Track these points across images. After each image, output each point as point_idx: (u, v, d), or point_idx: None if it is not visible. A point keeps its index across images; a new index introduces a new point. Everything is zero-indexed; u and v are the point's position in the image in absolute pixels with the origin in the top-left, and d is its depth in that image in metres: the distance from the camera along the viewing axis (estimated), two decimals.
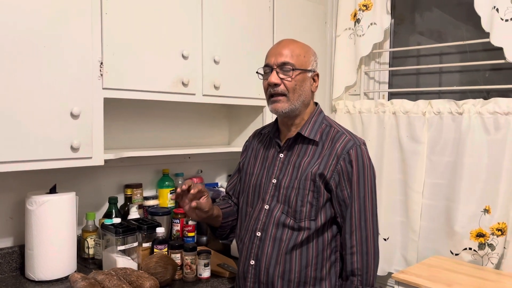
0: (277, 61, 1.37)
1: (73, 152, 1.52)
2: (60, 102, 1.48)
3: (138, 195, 2.00)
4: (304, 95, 1.40)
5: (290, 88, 1.37)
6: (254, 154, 1.56)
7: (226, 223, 1.57)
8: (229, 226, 1.58)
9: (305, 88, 1.40)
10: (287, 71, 1.36)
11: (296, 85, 1.37)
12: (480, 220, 1.94)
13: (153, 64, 1.72)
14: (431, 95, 2.33)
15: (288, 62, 1.36)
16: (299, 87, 1.38)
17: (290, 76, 1.36)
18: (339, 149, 1.37)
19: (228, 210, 1.59)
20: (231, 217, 1.58)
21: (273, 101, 1.38)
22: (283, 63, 1.36)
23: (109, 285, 1.37)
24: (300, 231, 1.36)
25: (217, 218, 1.52)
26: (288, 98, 1.37)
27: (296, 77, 1.37)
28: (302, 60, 1.38)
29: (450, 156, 2.06)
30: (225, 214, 1.56)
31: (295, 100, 1.38)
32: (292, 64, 1.36)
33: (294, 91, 1.37)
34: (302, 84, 1.39)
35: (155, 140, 2.14)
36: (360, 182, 1.36)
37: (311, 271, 1.36)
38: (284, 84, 1.36)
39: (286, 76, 1.36)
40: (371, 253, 1.36)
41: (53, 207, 1.57)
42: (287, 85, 1.37)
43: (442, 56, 2.32)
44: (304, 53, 1.39)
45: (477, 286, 1.71)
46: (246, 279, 1.42)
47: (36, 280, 1.56)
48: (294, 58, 1.37)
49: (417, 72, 2.41)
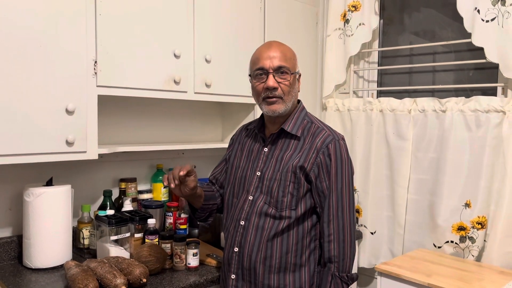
0: (273, 65, 1.43)
1: (68, 146, 1.60)
2: (56, 99, 1.56)
3: (133, 189, 2.08)
4: (295, 95, 1.49)
5: (286, 91, 1.45)
6: (241, 148, 1.63)
7: (206, 206, 1.63)
8: (209, 209, 1.64)
9: (295, 89, 1.49)
10: (284, 75, 1.43)
11: (290, 88, 1.45)
12: (461, 214, 2.01)
13: (145, 63, 1.79)
14: (420, 94, 2.40)
15: (284, 66, 1.43)
16: (292, 89, 1.46)
17: (287, 79, 1.44)
18: (318, 143, 1.45)
19: (210, 194, 1.65)
20: (212, 201, 1.65)
21: (270, 102, 1.45)
22: (279, 67, 1.43)
23: (100, 272, 1.45)
24: (281, 220, 1.43)
25: (199, 198, 1.58)
26: (284, 100, 1.45)
27: (290, 81, 1.45)
28: (293, 63, 1.47)
29: (434, 153, 2.12)
30: (206, 197, 1.62)
31: (289, 101, 1.46)
32: (288, 68, 1.44)
33: (289, 93, 1.46)
34: (294, 86, 1.48)
35: (149, 136, 2.21)
36: (338, 175, 1.43)
37: (291, 258, 1.44)
38: (281, 87, 1.44)
39: (282, 80, 1.43)
40: (348, 241, 1.43)
41: (49, 198, 1.65)
42: (283, 89, 1.44)
43: (430, 56, 2.39)
44: (293, 56, 1.48)
45: (456, 276, 1.78)
46: (230, 265, 1.50)
47: (33, 268, 1.65)
48: (288, 62, 1.44)
49: (405, 71, 2.48)
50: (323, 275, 1.45)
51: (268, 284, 1.43)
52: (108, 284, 1.41)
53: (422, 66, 2.37)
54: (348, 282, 1.43)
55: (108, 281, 1.41)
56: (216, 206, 1.66)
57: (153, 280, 1.58)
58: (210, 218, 1.68)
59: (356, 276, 1.46)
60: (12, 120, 1.47)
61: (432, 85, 2.37)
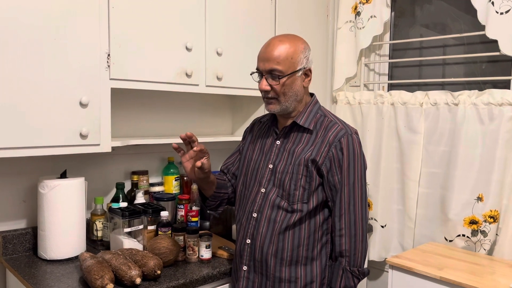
0: (265, 68, 1.42)
1: (82, 139, 1.61)
2: (70, 92, 1.57)
3: (144, 182, 2.09)
4: (296, 94, 1.46)
5: (280, 92, 1.44)
6: (253, 140, 1.64)
7: (217, 194, 1.63)
8: (220, 198, 1.64)
9: (295, 88, 1.45)
10: (275, 78, 1.42)
11: (285, 89, 1.43)
12: (473, 207, 2.00)
13: (157, 56, 1.80)
14: (431, 87, 2.39)
15: (275, 69, 1.40)
16: (288, 90, 1.44)
17: (278, 83, 1.42)
18: (331, 137, 1.44)
19: (222, 182, 1.66)
20: (223, 190, 1.65)
21: (267, 102, 1.47)
22: (271, 70, 1.41)
23: (115, 263, 1.47)
24: (293, 213, 1.44)
25: (211, 184, 1.58)
26: (279, 101, 1.45)
27: (284, 82, 1.42)
28: (290, 62, 1.42)
29: (446, 146, 2.12)
30: (219, 185, 1.63)
31: (286, 101, 1.45)
32: (279, 71, 1.41)
33: (284, 94, 1.44)
34: (291, 86, 1.44)
35: (160, 129, 2.22)
36: (350, 169, 1.43)
37: (302, 251, 1.44)
38: (274, 89, 1.43)
39: (275, 83, 1.42)
40: (359, 235, 1.44)
41: (63, 191, 1.67)
42: (276, 91, 1.43)
43: (441, 48, 2.37)
44: (292, 54, 1.42)
45: (468, 270, 1.78)
46: (242, 256, 1.51)
47: (48, 259, 1.67)
48: (281, 64, 1.40)
49: (417, 64, 2.47)
50: (334, 269, 1.45)
51: (279, 276, 1.44)
52: (123, 276, 1.43)
53: (434, 59, 2.35)
54: (359, 276, 1.43)
55: (123, 273, 1.43)
56: (227, 195, 1.66)
57: (167, 272, 1.59)
58: (220, 207, 1.68)
59: (367, 271, 1.46)
60: (26, 112, 1.48)
61: (443, 78, 2.35)
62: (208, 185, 1.58)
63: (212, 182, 1.58)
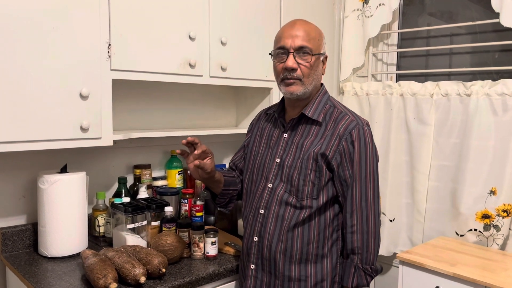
0: (294, 44, 1.36)
1: (83, 132, 1.55)
2: (69, 83, 1.51)
3: (147, 176, 2.04)
4: (317, 79, 1.42)
5: (306, 73, 1.37)
6: (260, 133, 1.58)
7: (226, 191, 1.59)
8: (229, 195, 1.60)
9: (318, 72, 1.41)
10: (305, 56, 1.36)
11: (311, 70, 1.38)
12: (486, 201, 1.95)
13: (160, 46, 1.73)
14: (439, 77, 2.32)
15: (306, 46, 1.36)
16: (313, 71, 1.39)
17: (307, 61, 1.36)
18: (341, 129, 1.38)
19: (230, 179, 1.61)
20: (232, 186, 1.60)
21: (287, 83, 1.39)
22: (300, 47, 1.35)
23: (118, 261, 1.42)
24: (302, 209, 1.38)
25: (218, 182, 1.54)
26: (303, 82, 1.38)
27: (312, 63, 1.37)
28: (317, 43, 1.39)
29: (457, 138, 2.06)
30: (226, 182, 1.58)
31: (309, 84, 1.39)
32: (310, 49, 1.36)
33: (309, 75, 1.38)
34: (316, 69, 1.40)
35: (163, 121, 2.16)
36: (361, 163, 1.37)
37: (312, 249, 1.39)
38: (301, 69, 1.37)
39: (303, 61, 1.36)
40: (371, 232, 1.38)
41: (64, 186, 1.61)
42: (304, 71, 1.37)
43: (451, 37, 2.30)
44: (318, 36, 1.40)
45: (481, 266, 1.73)
46: (249, 255, 1.46)
47: (48, 256, 1.61)
48: (311, 42, 1.36)
49: (426, 54, 2.39)
50: (345, 266, 1.40)
51: (288, 275, 1.39)
52: (127, 274, 1.37)
53: (445, 48, 2.28)
54: (372, 274, 1.38)
55: (127, 271, 1.38)
56: (236, 192, 1.62)
57: (172, 269, 1.54)
58: (230, 204, 1.63)
59: (380, 268, 1.41)
60: (24, 105, 1.42)
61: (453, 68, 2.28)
62: (215, 183, 1.54)
63: (218, 181, 1.54)
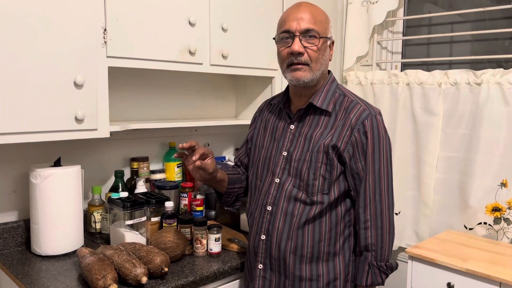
0: (300, 27, 1.27)
1: (78, 123, 1.46)
2: (63, 71, 1.41)
3: (145, 169, 1.95)
4: (325, 64, 1.34)
5: (314, 57, 1.29)
6: (264, 125, 1.49)
7: (231, 189, 1.52)
8: (235, 193, 1.53)
9: (326, 57, 1.33)
10: (311, 39, 1.28)
11: (319, 54, 1.29)
12: (496, 194, 1.89)
13: (159, 31, 1.63)
14: (445, 66, 2.25)
15: (312, 29, 1.27)
16: (321, 56, 1.30)
17: (315, 44, 1.28)
18: (353, 119, 1.30)
19: (235, 177, 1.54)
20: (237, 184, 1.54)
21: (294, 69, 1.30)
22: (307, 30, 1.27)
23: (118, 260, 1.33)
24: (313, 205, 1.31)
25: (221, 182, 1.48)
26: (311, 68, 1.29)
27: (320, 46, 1.29)
28: (324, 27, 1.30)
29: (466, 129, 1.99)
30: (231, 180, 1.52)
31: (317, 70, 1.31)
32: (317, 32, 1.27)
33: (317, 60, 1.30)
34: (324, 53, 1.31)
35: (160, 112, 2.07)
36: (375, 154, 1.30)
37: (324, 246, 1.32)
38: (308, 53, 1.28)
39: (310, 45, 1.28)
40: (386, 227, 1.31)
41: (58, 180, 1.52)
42: (311, 55, 1.28)
43: (458, 25, 2.23)
44: (324, 19, 1.31)
45: (493, 260, 1.67)
46: (257, 254, 1.38)
47: (42, 255, 1.53)
48: (317, 25, 1.28)
49: (431, 42, 2.32)
50: (359, 264, 1.33)
51: (299, 275, 1.31)
52: (127, 274, 1.29)
53: (453, 35, 2.20)
54: (387, 271, 1.31)
55: (127, 271, 1.29)
56: (242, 189, 1.55)
57: (174, 268, 1.46)
58: (237, 202, 1.57)
59: (396, 265, 1.34)
60: (14, 94, 1.31)
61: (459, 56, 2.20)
62: (218, 183, 1.47)
63: (222, 180, 1.47)
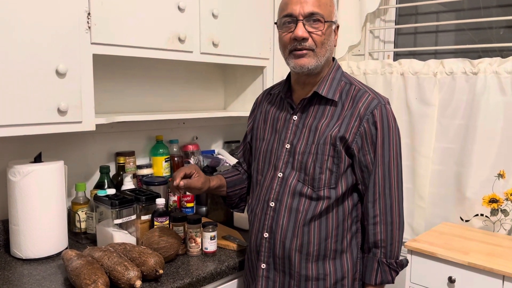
0: (303, 11, 1.18)
1: (61, 115, 1.35)
2: (43, 59, 1.29)
3: (131, 164, 1.84)
4: (330, 50, 1.26)
5: (319, 42, 1.20)
6: (263, 117, 1.41)
7: (232, 192, 1.46)
8: (237, 195, 1.47)
9: (331, 42, 1.25)
10: (316, 23, 1.19)
11: (324, 39, 1.21)
12: (493, 185, 1.86)
13: (146, 17, 1.53)
14: (439, 55, 2.20)
15: (317, 12, 1.18)
16: (327, 41, 1.22)
17: (319, 29, 1.19)
18: (361, 109, 1.23)
19: (234, 178, 1.47)
20: (238, 186, 1.47)
21: (298, 55, 1.21)
22: (311, 14, 1.18)
23: (108, 263, 1.23)
24: (319, 201, 1.23)
25: (219, 188, 1.43)
26: (315, 53, 1.21)
27: (325, 31, 1.20)
28: (329, 9, 1.21)
29: (462, 119, 1.95)
30: (230, 183, 1.46)
31: (322, 55, 1.22)
32: (321, 15, 1.19)
33: (322, 45, 1.21)
34: (329, 38, 1.23)
35: (146, 104, 1.96)
36: (384, 146, 1.23)
37: (331, 244, 1.25)
38: (313, 38, 1.20)
39: (314, 29, 1.19)
40: (396, 223, 1.25)
41: (39, 177, 1.41)
42: (316, 40, 1.20)
43: (451, 14, 2.18)
44: (329, 1, 1.22)
45: (493, 253, 1.64)
46: (259, 253, 1.30)
47: (23, 258, 1.41)
48: (322, 8, 1.19)
49: (425, 31, 2.27)
50: (367, 262, 1.26)
51: (306, 274, 1.24)
52: (120, 278, 1.19)
53: (444, 24, 2.16)
54: (398, 269, 1.25)
55: (119, 275, 1.20)
56: (245, 189, 1.48)
57: (168, 269, 1.37)
58: (241, 204, 1.51)
59: (406, 262, 1.28)
60: None
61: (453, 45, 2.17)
62: (216, 191, 1.43)
63: (219, 186, 1.42)
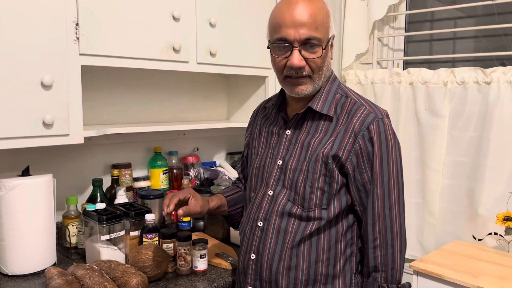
0: (299, 37, 1.08)
1: (46, 128, 1.31)
2: (28, 70, 1.26)
3: (127, 176, 1.80)
4: (327, 69, 1.17)
5: (316, 68, 1.12)
6: (258, 130, 1.34)
7: (234, 211, 1.39)
8: (239, 214, 1.40)
9: (329, 61, 1.16)
10: (313, 48, 1.10)
11: (322, 63, 1.13)
12: (508, 202, 1.74)
13: (139, 26, 1.49)
14: (450, 64, 2.10)
15: (314, 37, 1.08)
16: (324, 63, 1.14)
17: (317, 55, 1.10)
18: (356, 124, 1.14)
19: (235, 196, 1.41)
20: (239, 204, 1.40)
21: (294, 83, 1.14)
22: (307, 39, 1.09)
23: (89, 283, 1.18)
24: (309, 222, 1.15)
25: (220, 208, 1.36)
26: (312, 79, 1.14)
27: (323, 54, 1.12)
28: (326, 28, 1.11)
29: (475, 131, 1.84)
30: (231, 202, 1.39)
31: (319, 79, 1.15)
32: (319, 39, 1.09)
33: (320, 70, 1.13)
34: (327, 58, 1.15)
35: (145, 115, 1.92)
36: (383, 164, 1.14)
37: (322, 268, 1.16)
38: (309, 65, 1.11)
39: (311, 54, 1.10)
40: (397, 245, 1.16)
41: (26, 191, 1.37)
42: (313, 66, 1.12)
43: (463, 20, 2.08)
44: (326, 18, 1.12)
45: (506, 276, 1.53)
46: (246, 275, 1.23)
47: (9, 274, 1.38)
48: (319, 30, 1.09)
49: (435, 38, 2.17)
50: (367, 286, 1.17)
51: None
52: None
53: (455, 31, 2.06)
54: None
55: None
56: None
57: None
58: None
59: (408, 286, 1.18)
60: None
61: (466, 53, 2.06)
62: (216, 211, 1.37)
63: (219, 206, 1.36)
